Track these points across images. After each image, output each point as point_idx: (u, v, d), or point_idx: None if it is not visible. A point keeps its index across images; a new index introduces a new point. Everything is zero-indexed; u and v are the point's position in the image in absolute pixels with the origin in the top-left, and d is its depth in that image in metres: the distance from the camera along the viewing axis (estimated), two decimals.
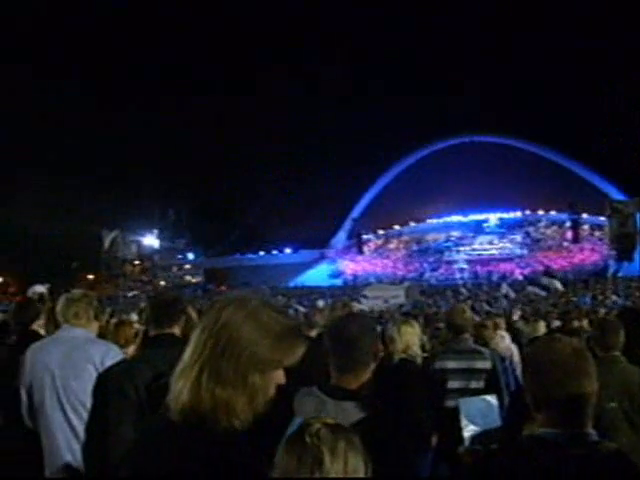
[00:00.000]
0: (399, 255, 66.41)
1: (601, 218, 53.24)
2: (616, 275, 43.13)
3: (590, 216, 56.77)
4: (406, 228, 67.77)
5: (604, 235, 53.72)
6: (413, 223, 67.35)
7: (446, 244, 64.79)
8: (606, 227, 51.62)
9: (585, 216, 57.00)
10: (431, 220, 66.83)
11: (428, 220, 66.92)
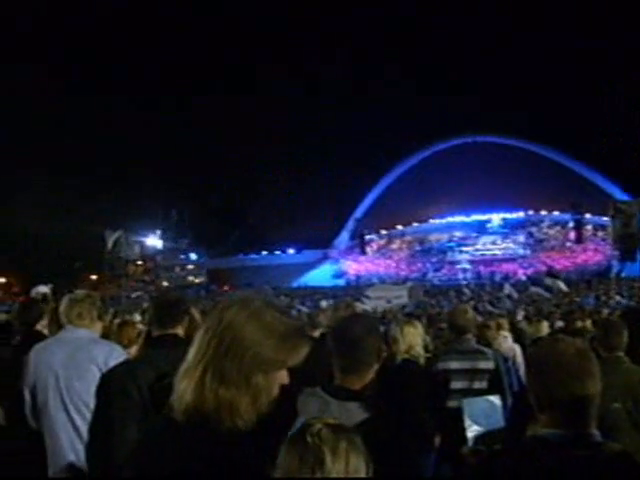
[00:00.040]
0: (402, 255, 66.37)
1: (604, 218, 53.20)
2: (619, 275, 43.16)
3: (593, 216, 56.70)
4: (409, 228, 67.74)
5: (607, 235, 53.69)
6: (416, 223, 67.29)
7: (449, 244, 64.76)
8: (609, 227, 51.62)
9: (588, 216, 56.90)
10: (434, 220, 66.78)
11: (431, 220, 66.87)
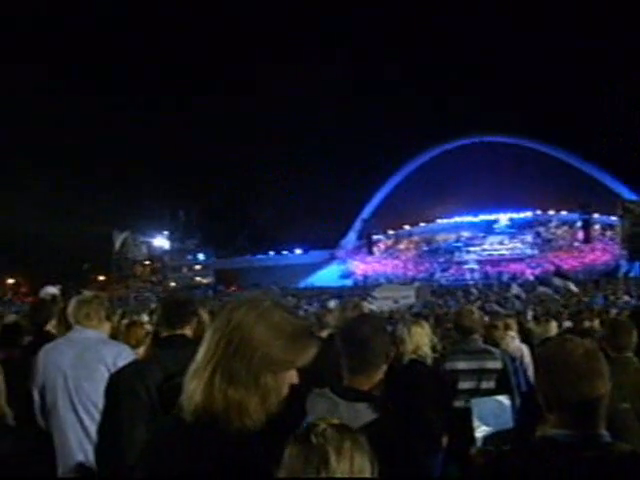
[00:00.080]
0: (409, 255, 66.34)
1: (612, 218, 53.00)
2: (628, 275, 42.95)
3: (601, 216, 56.49)
4: (416, 228, 67.70)
5: (615, 235, 53.49)
6: (423, 223, 67.26)
7: (456, 244, 64.69)
8: (617, 227, 51.42)
9: (596, 216, 56.68)
10: (441, 220, 66.74)
11: (438, 220, 66.83)
